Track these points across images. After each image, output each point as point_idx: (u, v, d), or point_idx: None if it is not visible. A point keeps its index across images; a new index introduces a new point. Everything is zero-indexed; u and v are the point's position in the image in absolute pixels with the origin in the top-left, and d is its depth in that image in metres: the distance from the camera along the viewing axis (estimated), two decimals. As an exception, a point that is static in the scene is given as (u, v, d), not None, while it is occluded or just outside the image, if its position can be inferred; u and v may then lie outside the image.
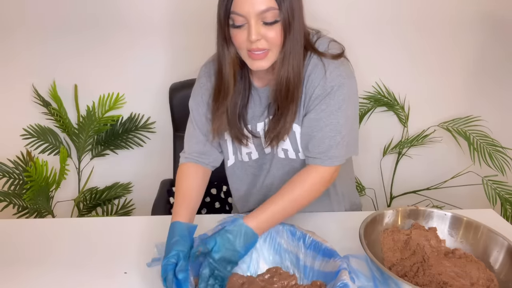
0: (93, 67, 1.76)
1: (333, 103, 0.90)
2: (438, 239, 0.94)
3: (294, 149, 1.00)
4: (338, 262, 0.78)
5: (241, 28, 0.83)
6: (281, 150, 1.01)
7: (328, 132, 0.91)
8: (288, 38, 0.85)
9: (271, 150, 1.03)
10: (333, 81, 0.90)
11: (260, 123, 1.00)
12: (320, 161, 0.92)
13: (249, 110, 1.01)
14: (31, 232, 1.06)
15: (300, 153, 1.00)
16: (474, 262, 0.87)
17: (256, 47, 0.83)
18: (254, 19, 0.80)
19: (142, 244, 1.00)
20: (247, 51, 0.85)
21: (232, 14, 0.82)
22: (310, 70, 0.92)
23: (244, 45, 0.84)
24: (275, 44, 0.85)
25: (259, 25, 0.81)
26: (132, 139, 1.87)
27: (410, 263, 0.88)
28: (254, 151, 1.05)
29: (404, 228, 0.97)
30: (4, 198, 1.64)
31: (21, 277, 0.89)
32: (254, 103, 1.00)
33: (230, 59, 0.90)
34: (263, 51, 0.84)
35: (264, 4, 0.79)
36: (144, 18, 1.70)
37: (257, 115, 1.00)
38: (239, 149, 1.06)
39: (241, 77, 0.96)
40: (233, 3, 0.81)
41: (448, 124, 1.82)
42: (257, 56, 0.85)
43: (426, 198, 1.91)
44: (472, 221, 0.92)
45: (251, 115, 1.01)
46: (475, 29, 1.77)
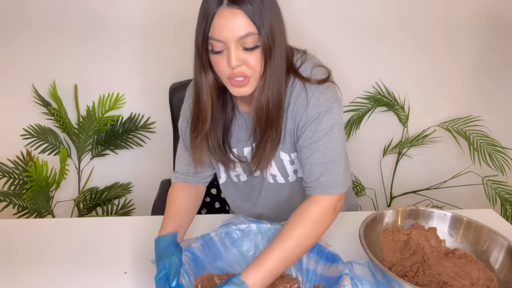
0: (93, 67, 1.76)
1: (320, 128, 0.87)
2: (438, 239, 0.94)
3: (282, 175, 0.98)
4: (341, 267, 0.78)
5: (220, 54, 0.79)
6: (269, 175, 0.99)
7: (317, 158, 0.87)
8: (269, 63, 0.81)
9: (261, 174, 1.01)
10: (319, 107, 0.86)
11: (247, 148, 0.98)
12: (313, 190, 0.88)
13: (234, 135, 0.98)
14: (31, 232, 1.06)
15: (289, 177, 0.99)
16: (474, 262, 0.87)
17: (237, 72, 0.80)
18: (234, 45, 0.77)
19: (142, 244, 1.00)
20: (228, 79, 0.82)
21: (210, 40, 0.79)
22: (295, 98, 0.89)
23: (225, 71, 0.81)
24: (256, 70, 0.82)
25: (239, 51, 0.78)
26: (132, 139, 1.87)
27: (410, 263, 0.88)
28: (242, 173, 1.03)
29: (404, 228, 0.97)
30: (4, 198, 1.64)
31: (21, 276, 0.89)
32: (240, 127, 0.97)
33: (208, 86, 0.87)
34: (244, 78, 0.81)
35: (244, 29, 0.76)
36: (144, 18, 1.70)
37: (243, 139, 0.97)
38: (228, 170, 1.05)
39: (223, 102, 0.93)
40: (211, 29, 0.78)
41: (448, 124, 1.82)
42: (238, 84, 0.82)
43: (426, 198, 1.91)
44: (472, 221, 0.92)
45: (237, 139, 0.98)
46: (475, 29, 1.77)
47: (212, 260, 0.88)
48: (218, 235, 0.90)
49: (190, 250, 0.85)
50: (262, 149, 0.90)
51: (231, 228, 0.91)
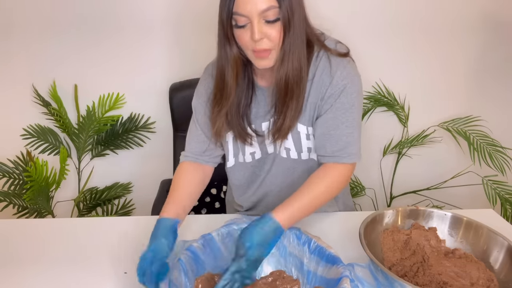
0: (93, 67, 1.76)
1: (347, 100, 0.93)
2: (438, 239, 0.94)
3: (296, 149, 1.00)
4: (341, 269, 0.78)
5: (244, 28, 0.84)
6: (283, 149, 1.01)
7: (345, 129, 0.93)
8: (288, 35, 0.85)
9: (274, 150, 1.03)
10: (345, 79, 0.92)
11: (265, 123, 1.01)
12: (339, 159, 0.93)
13: (253, 110, 1.01)
14: (31, 232, 1.06)
15: (302, 153, 1.01)
16: (474, 262, 0.87)
17: (260, 47, 0.84)
18: (257, 19, 0.81)
19: (142, 244, 0.99)
20: (252, 51, 0.86)
21: (234, 15, 0.83)
22: (321, 71, 0.93)
23: (249, 45, 0.85)
24: (277, 43, 0.86)
25: (261, 24, 0.82)
26: (132, 139, 1.87)
27: (410, 263, 0.88)
28: (258, 150, 1.05)
29: (404, 228, 0.97)
30: (4, 198, 1.64)
31: (21, 276, 0.89)
32: (259, 102, 1.00)
33: (233, 59, 0.91)
34: (266, 50, 0.85)
35: (265, 3, 0.80)
36: (144, 18, 1.70)
37: (261, 114, 1.01)
38: (241, 150, 1.06)
39: (244, 76, 0.97)
40: (235, 4, 0.82)
41: (448, 124, 1.82)
42: (261, 55, 0.86)
43: (426, 198, 1.91)
44: (472, 221, 0.92)
45: (255, 114, 1.01)
46: (475, 29, 1.77)
47: (213, 260, 0.87)
48: (219, 235, 0.89)
49: (191, 249, 0.84)
50: (282, 119, 0.93)
51: (233, 228, 0.90)
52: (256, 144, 1.03)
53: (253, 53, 0.86)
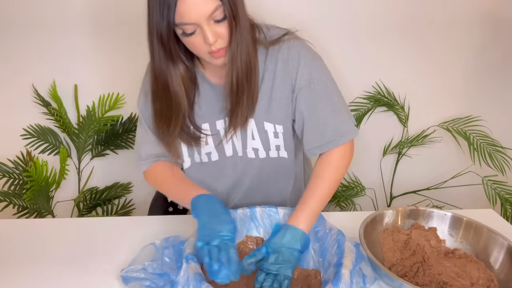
0: (93, 67, 1.76)
1: (319, 87, 0.92)
2: (438, 239, 0.94)
3: (265, 148, 0.99)
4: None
5: (194, 34, 0.80)
6: (251, 150, 0.99)
7: (329, 114, 0.93)
8: (235, 31, 0.82)
9: (234, 153, 1.01)
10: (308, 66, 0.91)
11: (220, 121, 0.97)
12: (335, 143, 0.93)
13: (204, 108, 0.97)
14: (31, 232, 1.06)
15: (270, 151, 1.00)
16: (474, 262, 0.87)
17: (215, 48, 0.81)
18: (206, 22, 0.78)
19: (142, 244, 0.99)
20: (209, 53, 0.83)
21: (180, 25, 0.78)
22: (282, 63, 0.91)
23: (204, 49, 0.82)
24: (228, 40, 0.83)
25: (211, 26, 0.79)
26: (132, 139, 1.87)
27: (410, 263, 0.88)
28: (214, 151, 1.01)
29: (404, 228, 0.97)
30: (4, 198, 1.64)
31: (21, 276, 0.89)
32: (210, 100, 0.97)
33: (179, 77, 0.87)
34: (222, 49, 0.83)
35: (210, 4, 0.77)
36: (144, 18, 1.70)
37: (215, 112, 0.97)
38: (197, 149, 1.02)
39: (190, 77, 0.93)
40: (176, 15, 0.77)
41: (448, 124, 1.82)
42: (218, 55, 0.83)
43: (426, 198, 1.91)
44: (472, 221, 0.92)
45: (209, 112, 0.97)
46: (475, 29, 1.77)
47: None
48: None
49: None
50: (235, 117, 0.91)
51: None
52: (211, 144, 1.00)
53: (210, 54, 0.83)
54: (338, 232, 0.87)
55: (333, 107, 0.93)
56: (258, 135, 0.97)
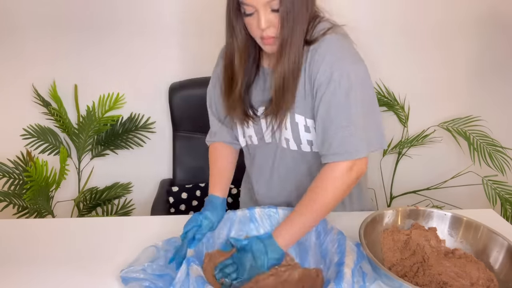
0: (93, 67, 1.76)
1: (338, 91, 0.86)
2: (438, 239, 0.94)
3: (295, 141, 0.98)
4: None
5: (252, 16, 0.86)
6: (283, 139, 1.00)
7: (339, 122, 0.86)
8: (286, 26, 0.86)
9: (272, 140, 1.03)
10: (333, 66, 0.87)
11: (262, 108, 1.00)
12: (338, 157, 0.87)
13: (254, 92, 1.02)
14: (31, 232, 1.06)
15: (302, 145, 0.99)
16: (474, 262, 0.87)
17: (266, 35, 0.86)
18: (263, 8, 0.84)
19: (142, 244, 0.99)
20: (260, 38, 0.89)
21: (242, 4, 0.86)
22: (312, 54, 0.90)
23: (257, 32, 0.88)
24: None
25: (267, 13, 0.84)
26: (132, 139, 1.87)
27: (410, 263, 0.88)
28: (254, 136, 1.05)
29: (404, 228, 0.96)
30: (4, 198, 1.64)
31: (20, 276, 0.89)
32: (259, 84, 1.01)
33: (238, 48, 0.94)
34: (273, 38, 0.87)
35: None
36: (144, 18, 1.70)
37: (259, 98, 1.01)
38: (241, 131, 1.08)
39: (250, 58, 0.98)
40: None
41: (448, 124, 1.82)
42: (268, 42, 0.88)
43: (426, 198, 1.91)
44: (472, 221, 0.92)
45: (255, 98, 1.02)
46: (476, 29, 1.77)
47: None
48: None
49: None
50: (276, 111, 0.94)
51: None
52: (252, 129, 1.04)
53: (261, 39, 0.89)
54: (339, 232, 0.87)
55: (345, 117, 0.86)
56: (290, 126, 0.97)
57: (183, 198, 1.58)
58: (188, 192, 1.60)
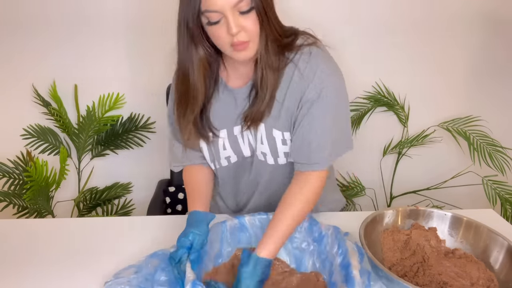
0: (93, 67, 1.76)
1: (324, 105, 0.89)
2: (438, 239, 0.94)
3: (272, 155, 0.97)
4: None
5: (218, 23, 0.80)
6: (260, 153, 0.98)
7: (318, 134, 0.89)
8: (264, 23, 0.83)
9: (251, 153, 1.00)
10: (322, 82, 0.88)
11: (237, 127, 0.97)
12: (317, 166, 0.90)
13: (221, 114, 0.97)
14: (31, 232, 1.06)
15: (279, 159, 0.98)
16: (474, 262, 0.87)
17: (237, 40, 0.81)
18: (231, 12, 0.78)
19: (141, 244, 0.99)
20: (231, 45, 0.83)
21: (205, 12, 0.80)
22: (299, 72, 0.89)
23: (226, 40, 0.82)
24: (254, 33, 0.83)
25: (236, 17, 0.79)
26: (132, 139, 1.87)
27: (410, 263, 0.88)
28: (232, 154, 1.02)
29: (404, 228, 0.96)
30: (4, 198, 1.64)
31: (20, 276, 0.89)
32: (228, 105, 0.96)
33: (199, 61, 0.88)
34: (245, 43, 0.82)
35: None
36: (144, 18, 1.70)
37: (233, 118, 0.96)
38: (216, 156, 1.03)
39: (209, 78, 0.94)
40: (203, 2, 0.79)
41: (448, 124, 1.82)
42: (240, 48, 0.83)
43: (426, 198, 1.91)
44: (472, 221, 0.92)
45: (227, 119, 0.97)
46: (476, 29, 1.77)
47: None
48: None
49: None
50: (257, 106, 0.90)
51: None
52: (229, 148, 1.00)
53: (232, 47, 0.83)
54: (335, 229, 0.86)
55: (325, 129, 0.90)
56: (267, 141, 0.95)
57: (179, 199, 1.58)
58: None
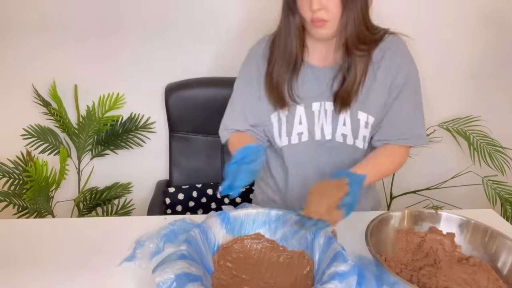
0: (93, 67, 1.76)
1: (411, 89, 1.01)
2: (454, 244, 0.93)
3: (353, 135, 1.03)
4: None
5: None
6: (340, 135, 1.03)
7: (410, 113, 1.02)
8: (349, 7, 0.89)
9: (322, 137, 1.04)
10: (406, 68, 0.99)
11: (316, 103, 1.02)
12: (408, 141, 1.03)
13: (301, 90, 1.03)
14: (31, 232, 1.06)
15: (357, 140, 1.03)
16: (486, 271, 0.85)
17: (317, 16, 0.88)
18: None
19: (142, 244, 0.99)
20: (310, 21, 0.91)
21: None
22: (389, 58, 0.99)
23: (308, 14, 0.90)
24: (335, 14, 0.89)
25: None
26: (132, 139, 1.87)
27: (420, 264, 0.88)
28: (305, 131, 1.05)
29: (421, 231, 0.96)
30: (4, 198, 1.64)
31: (20, 276, 0.89)
32: (309, 81, 1.02)
33: (296, 28, 0.96)
34: (322, 21, 0.90)
35: None
36: (144, 18, 1.70)
37: (313, 94, 1.02)
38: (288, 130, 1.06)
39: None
40: None
41: (448, 124, 1.82)
42: (318, 24, 0.90)
43: (426, 198, 1.91)
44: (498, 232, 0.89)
45: (306, 93, 1.02)
46: (476, 29, 1.77)
47: None
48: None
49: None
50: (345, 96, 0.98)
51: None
52: (304, 122, 1.04)
53: (311, 22, 0.91)
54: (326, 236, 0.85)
55: (417, 109, 1.04)
56: (350, 123, 1.01)
57: (179, 199, 1.58)
58: (185, 193, 1.59)
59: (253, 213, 0.96)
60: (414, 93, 1.02)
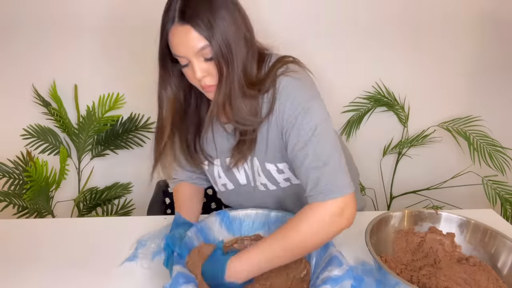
0: (93, 67, 1.76)
1: (303, 133, 0.82)
2: (454, 244, 0.93)
3: (272, 183, 0.97)
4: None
5: (188, 66, 0.83)
6: (260, 184, 0.98)
7: (309, 164, 0.81)
8: (226, 71, 0.80)
9: (247, 182, 1.00)
10: (295, 110, 0.82)
11: (229, 159, 0.97)
12: (313, 198, 0.81)
13: (215, 145, 0.98)
14: (31, 232, 1.06)
15: (280, 184, 0.97)
16: (486, 271, 0.85)
17: (204, 84, 0.82)
18: (195, 58, 0.80)
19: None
20: (201, 88, 0.86)
21: (174, 55, 0.84)
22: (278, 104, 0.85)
23: (195, 82, 0.85)
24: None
25: (201, 62, 0.80)
26: (132, 139, 1.87)
27: (420, 264, 0.88)
28: (228, 182, 1.02)
29: (421, 231, 0.96)
30: (4, 198, 1.64)
31: (20, 276, 0.89)
32: (221, 137, 0.97)
33: (168, 101, 0.92)
34: (212, 86, 0.83)
35: (199, 42, 0.78)
36: (144, 18, 1.70)
37: (225, 149, 0.97)
38: (212, 181, 1.05)
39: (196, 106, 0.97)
40: (170, 46, 0.84)
41: (448, 124, 1.82)
42: (209, 89, 0.84)
43: (426, 198, 1.91)
44: (497, 232, 0.89)
45: (219, 149, 0.98)
46: (475, 29, 1.77)
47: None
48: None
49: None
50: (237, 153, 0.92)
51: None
52: (223, 176, 1.01)
53: (202, 89, 0.86)
54: None
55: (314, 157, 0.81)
56: (263, 173, 0.95)
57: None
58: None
59: (252, 213, 0.96)
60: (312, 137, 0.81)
